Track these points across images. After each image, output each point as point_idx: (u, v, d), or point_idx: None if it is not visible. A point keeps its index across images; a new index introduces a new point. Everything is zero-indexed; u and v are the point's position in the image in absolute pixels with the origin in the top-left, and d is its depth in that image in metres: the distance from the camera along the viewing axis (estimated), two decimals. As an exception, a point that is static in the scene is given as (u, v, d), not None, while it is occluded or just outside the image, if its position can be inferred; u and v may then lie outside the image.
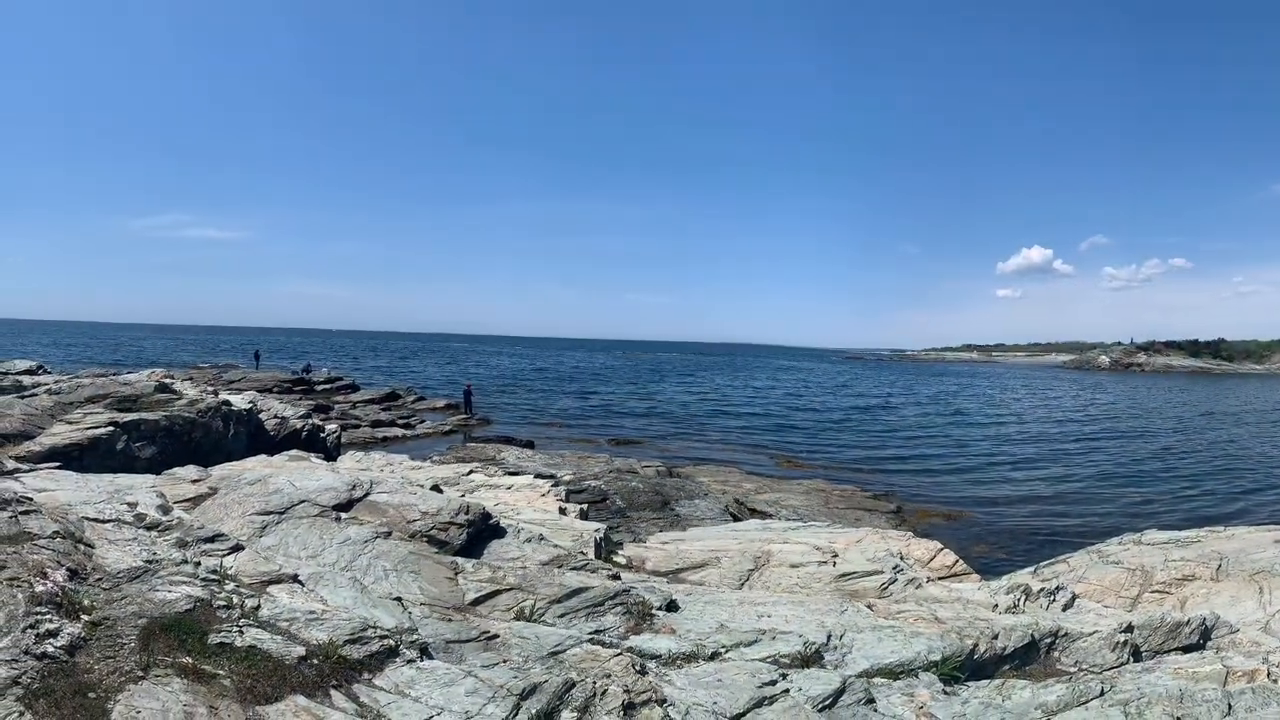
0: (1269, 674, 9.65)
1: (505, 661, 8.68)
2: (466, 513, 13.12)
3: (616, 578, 12.08)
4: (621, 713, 7.87)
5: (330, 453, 30.59)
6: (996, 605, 12.49)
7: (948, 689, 9.34)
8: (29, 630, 7.28)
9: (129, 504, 11.78)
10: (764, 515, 26.31)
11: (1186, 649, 11.69)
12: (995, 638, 10.67)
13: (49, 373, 32.42)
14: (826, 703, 8.63)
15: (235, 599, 8.90)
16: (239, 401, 30.39)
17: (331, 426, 36.77)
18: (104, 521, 10.84)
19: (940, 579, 14.61)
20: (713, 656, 9.67)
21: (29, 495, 11.27)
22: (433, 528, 12.53)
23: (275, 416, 32.35)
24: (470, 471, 23.25)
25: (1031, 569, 15.26)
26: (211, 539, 10.73)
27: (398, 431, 48.36)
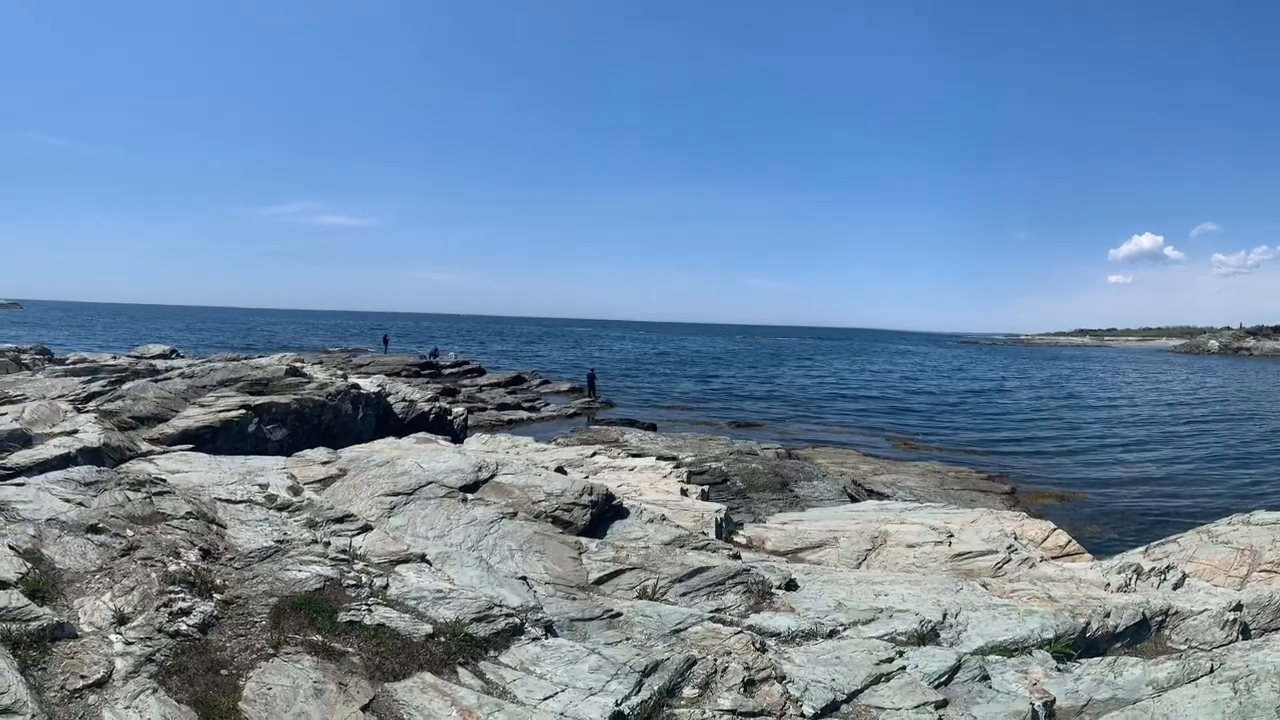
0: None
1: (628, 639, 8.66)
2: (590, 494, 13.12)
3: (737, 557, 11.99)
4: (742, 689, 7.83)
5: (457, 435, 30.80)
6: (1108, 584, 12.31)
7: (1061, 666, 9.32)
8: (163, 609, 7.42)
9: (260, 485, 12.00)
10: (881, 496, 26.01)
11: (1294, 627, 11.38)
12: (1107, 616, 10.54)
13: (182, 357, 33.29)
14: (942, 679, 8.65)
15: (364, 578, 9.00)
16: (368, 385, 30.85)
17: (458, 409, 37.02)
18: (235, 502, 11.05)
19: (1053, 559, 14.41)
20: (831, 634, 9.67)
21: (163, 476, 11.54)
22: (557, 508, 12.55)
23: (403, 399, 32.73)
24: (594, 453, 23.29)
25: (1142, 549, 14.92)
26: (341, 519, 10.88)
27: (523, 414, 48.61)
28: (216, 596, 8.08)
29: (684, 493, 18.05)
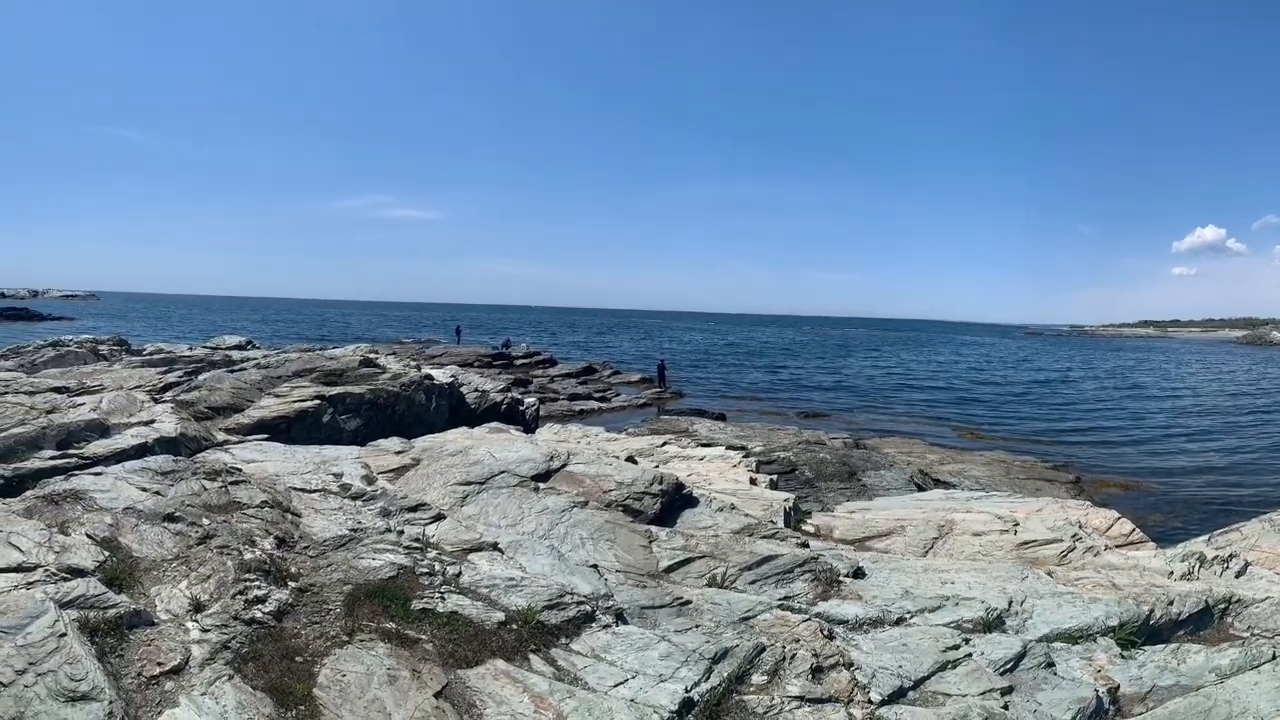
0: None
1: (698, 626, 8.69)
2: (660, 483, 13.11)
3: (805, 546, 11.97)
4: (810, 676, 7.86)
5: (529, 425, 30.85)
6: (1172, 572, 12.21)
7: (1125, 653, 9.36)
8: (238, 596, 7.50)
9: (334, 474, 12.11)
10: (947, 485, 25.86)
11: (1355, 614, 11.27)
12: (1170, 604, 10.51)
13: (257, 348, 33.50)
14: (1008, 666, 8.70)
15: (437, 566, 9.05)
16: (441, 375, 30.94)
17: (530, 400, 37.06)
18: (310, 491, 11.16)
19: (1117, 547, 14.39)
20: (898, 622, 9.69)
21: (238, 466, 11.68)
22: (628, 497, 12.56)
23: (475, 390, 32.82)
24: (664, 443, 23.30)
25: (1205, 537, 14.79)
26: (414, 508, 10.95)
27: (594, 404, 48.64)
28: (291, 584, 8.17)
29: (753, 482, 18.03)
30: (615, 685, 7.24)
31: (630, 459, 15.81)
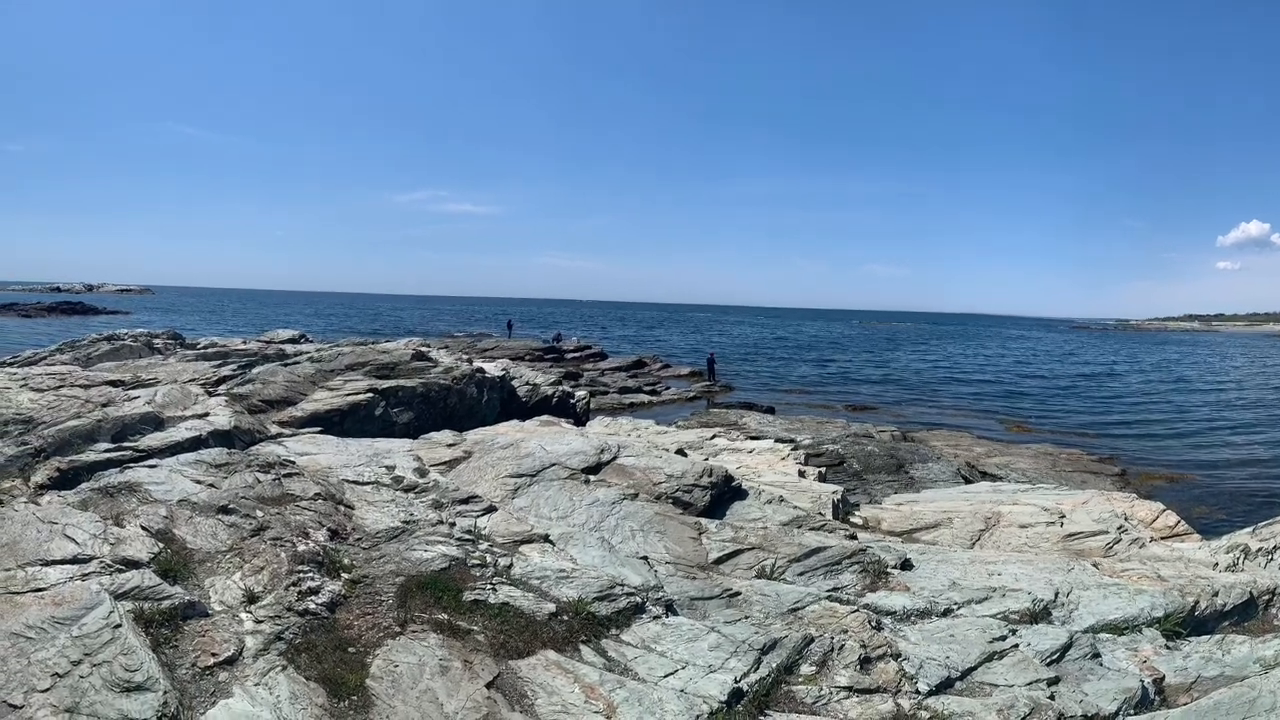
0: None
1: (747, 618, 8.71)
2: (710, 475, 13.09)
3: (853, 537, 11.93)
4: (858, 666, 7.86)
5: (579, 418, 30.84)
6: (1216, 564, 12.18)
7: (1170, 644, 9.34)
8: (292, 588, 7.57)
9: (387, 467, 12.19)
10: (994, 478, 25.73)
11: (1399, 605, 11.19)
12: (1215, 595, 10.47)
13: (311, 341, 33.71)
14: (1054, 657, 8.69)
15: (489, 558, 9.10)
16: (492, 369, 31.03)
17: (581, 393, 37.07)
18: (363, 484, 11.25)
19: (1162, 539, 14.37)
20: (945, 613, 9.69)
21: (291, 458, 11.79)
22: (677, 490, 12.55)
23: (527, 383, 32.86)
24: (713, 436, 23.25)
25: (1250, 529, 14.66)
26: (466, 500, 11.01)
27: (644, 398, 48.59)
28: (344, 576, 8.24)
29: (801, 474, 17.98)
30: (665, 676, 7.27)
31: (680, 452, 15.78)
